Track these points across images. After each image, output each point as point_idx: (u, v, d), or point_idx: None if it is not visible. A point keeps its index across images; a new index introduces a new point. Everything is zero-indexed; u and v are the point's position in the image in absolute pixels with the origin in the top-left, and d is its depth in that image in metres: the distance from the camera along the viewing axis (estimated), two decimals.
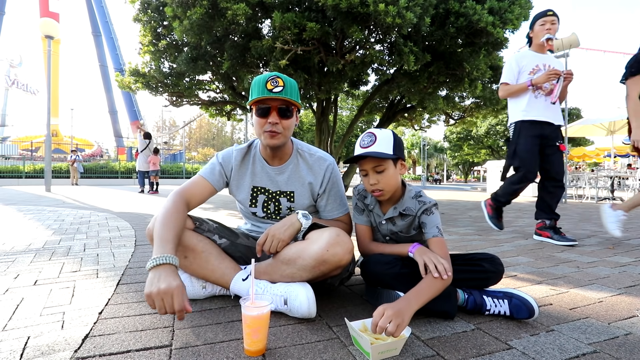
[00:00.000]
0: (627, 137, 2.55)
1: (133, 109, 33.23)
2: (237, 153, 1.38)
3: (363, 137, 1.23)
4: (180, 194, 1.25)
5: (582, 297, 1.42)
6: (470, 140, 29.98)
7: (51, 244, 2.42)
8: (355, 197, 1.41)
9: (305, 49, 5.12)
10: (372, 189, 1.24)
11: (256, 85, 1.24)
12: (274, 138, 1.25)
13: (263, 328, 0.91)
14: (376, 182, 1.22)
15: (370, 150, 1.19)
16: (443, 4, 5.11)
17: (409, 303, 0.99)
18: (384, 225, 1.34)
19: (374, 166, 1.22)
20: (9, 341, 0.98)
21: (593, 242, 2.70)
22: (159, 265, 0.96)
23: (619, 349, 0.97)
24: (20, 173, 15.63)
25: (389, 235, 1.36)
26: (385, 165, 1.21)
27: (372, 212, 1.37)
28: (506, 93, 2.81)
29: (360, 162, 1.25)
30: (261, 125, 1.25)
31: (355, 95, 10.32)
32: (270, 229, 1.22)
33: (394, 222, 1.32)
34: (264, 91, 1.21)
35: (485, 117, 10.52)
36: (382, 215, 1.34)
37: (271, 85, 1.21)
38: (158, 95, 7.53)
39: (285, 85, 1.22)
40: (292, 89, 1.25)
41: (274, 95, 1.20)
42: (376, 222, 1.37)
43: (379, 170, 1.22)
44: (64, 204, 5.76)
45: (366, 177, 1.26)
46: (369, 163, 1.22)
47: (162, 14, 6.08)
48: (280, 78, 1.22)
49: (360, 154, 1.21)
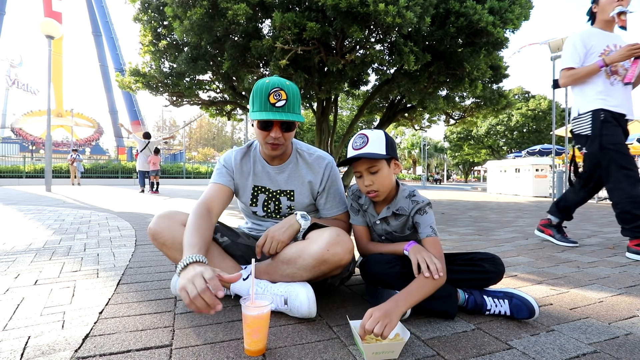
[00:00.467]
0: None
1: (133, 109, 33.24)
2: (237, 154, 1.39)
3: (355, 139, 1.23)
4: (200, 204, 1.24)
5: (583, 297, 1.41)
6: (471, 140, 30.00)
7: (51, 243, 2.42)
8: (350, 197, 1.41)
9: (305, 48, 5.12)
10: (367, 190, 1.24)
11: (258, 95, 1.20)
12: (275, 150, 1.27)
13: (263, 328, 0.91)
14: (371, 183, 1.22)
15: (363, 152, 1.19)
16: (443, 4, 5.11)
17: (397, 304, 0.99)
18: (379, 226, 1.34)
19: (367, 167, 1.22)
20: (10, 341, 0.98)
21: (593, 242, 2.70)
22: (186, 266, 0.94)
23: (620, 349, 0.97)
24: (21, 173, 15.64)
25: (384, 235, 1.36)
26: (379, 166, 1.21)
27: (367, 212, 1.37)
28: (571, 79, 2.27)
29: (354, 164, 1.24)
30: (263, 137, 1.25)
31: (355, 95, 10.32)
32: (269, 230, 1.23)
33: (388, 222, 1.32)
34: (266, 105, 1.18)
35: (485, 117, 10.52)
36: (376, 216, 1.34)
37: (274, 99, 1.17)
38: (158, 95, 7.53)
39: (288, 98, 1.19)
40: (294, 101, 1.21)
41: (277, 117, 1.17)
42: (371, 222, 1.37)
43: (373, 171, 1.22)
44: (64, 203, 5.76)
45: (360, 179, 1.25)
46: (362, 164, 1.22)
47: (163, 13, 6.09)
48: (282, 90, 1.18)
49: (353, 155, 1.20)
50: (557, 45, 7.46)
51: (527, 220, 4.20)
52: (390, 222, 1.32)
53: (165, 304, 1.28)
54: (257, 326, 0.90)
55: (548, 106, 25.94)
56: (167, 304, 1.28)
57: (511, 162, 11.43)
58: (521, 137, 27.49)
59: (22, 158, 17.06)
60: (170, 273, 1.69)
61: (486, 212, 5.25)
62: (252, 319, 0.89)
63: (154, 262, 1.91)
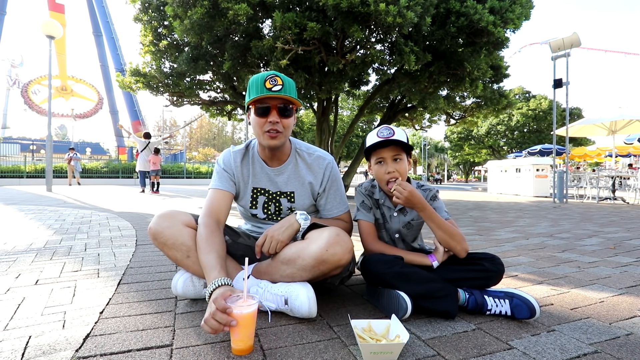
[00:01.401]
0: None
1: (134, 109, 33.24)
2: (236, 155, 1.37)
3: (381, 130, 1.32)
4: (207, 215, 1.25)
5: (583, 297, 1.41)
6: (471, 140, 29.96)
7: (52, 243, 2.42)
8: (363, 194, 1.43)
9: (305, 48, 5.12)
10: (389, 177, 1.30)
11: (254, 84, 1.23)
12: (274, 139, 1.24)
13: (244, 328, 0.90)
14: (393, 170, 1.30)
15: (395, 138, 1.28)
16: (444, 4, 5.11)
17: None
18: (395, 218, 1.39)
19: (393, 154, 1.31)
20: (11, 340, 0.98)
21: (594, 242, 2.70)
22: (216, 290, 0.97)
23: (620, 349, 0.97)
24: (22, 173, 15.65)
25: (399, 230, 1.40)
26: (402, 156, 1.32)
27: (383, 205, 1.41)
28: None
29: (378, 151, 1.32)
30: (261, 125, 1.24)
31: (355, 95, 10.32)
32: (268, 230, 1.22)
33: (405, 213, 1.40)
34: (262, 90, 1.20)
35: (486, 117, 10.51)
36: (392, 208, 1.39)
37: (270, 84, 1.20)
38: (159, 95, 7.54)
39: (284, 84, 1.22)
40: (290, 88, 1.24)
41: (274, 94, 1.20)
42: (386, 216, 1.41)
43: (396, 158, 1.31)
44: (65, 203, 5.77)
45: (381, 166, 1.33)
46: (389, 152, 1.31)
47: (163, 13, 6.09)
48: (278, 77, 1.22)
49: (385, 139, 1.28)
50: (558, 45, 7.45)
51: (527, 220, 4.19)
52: (408, 212, 1.39)
53: (165, 304, 1.28)
54: (237, 325, 0.89)
55: (549, 106, 25.90)
56: (168, 304, 1.28)
57: (512, 162, 11.42)
58: (522, 137, 27.46)
59: (22, 158, 17.08)
60: (170, 273, 1.69)
61: (487, 212, 5.24)
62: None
63: (155, 262, 1.91)
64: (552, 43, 7.49)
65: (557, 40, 7.42)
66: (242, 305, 0.91)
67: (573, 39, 7.24)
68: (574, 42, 7.25)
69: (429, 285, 1.16)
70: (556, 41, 7.43)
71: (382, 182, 1.35)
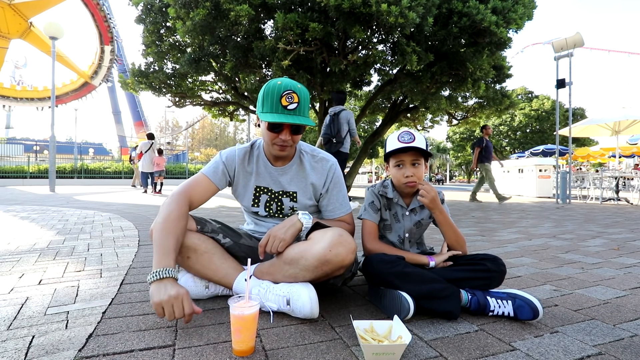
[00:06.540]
0: None
1: (136, 110, 33.41)
2: (240, 153, 1.38)
3: (402, 134, 1.36)
4: (184, 194, 1.25)
5: (587, 298, 1.40)
6: (474, 140, 29.89)
7: (55, 243, 2.43)
8: (374, 195, 1.45)
9: (307, 49, 5.12)
10: (407, 180, 1.35)
11: (269, 97, 1.19)
12: (283, 151, 1.28)
13: (246, 329, 0.90)
14: (411, 174, 1.34)
15: (416, 144, 1.32)
16: (446, 4, 5.10)
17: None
18: (408, 217, 1.44)
19: (412, 159, 1.35)
20: (14, 340, 0.98)
21: (598, 243, 2.68)
22: (162, 279, 1.02)
23: (625, 350, 0.96)
24: (25, 173, 15.75)
25: (410, 228, 1.44)
26: (421, 161, 1.37)
27: (396, 204, 1.44)
28: None
29: (399, 155, 1.37)
30: (272, 138, 1.25)
31: (357, 95, 10.32)
32: (271, 229, 1.22)
33: (416, 212, 1.45)
34: (278, 107, 1.18)
35: (488, 117, 10.49)
36: (405, 207, 1.44)
37: (286, 102, 1.18)
38: (161, 95, 7.57)
39: (300, 102, 1.20)
40: (305, 103, 1.23)
41: (290, 119, 1.18)
42: (398, 215, 1.44)
43: (415, 163, 1.35)
44: (68, 204, 5.80)
45: (400, 169, 1.37)
46: (409, 156, 1.35)
47: (165, 15, 6.11)
48: (295, 93, 1.18)
49: (407, 145, 1.32)
50: (561, 45, 7.42)
51: (530, 221, 4.17)
52: (419, 211, 1.45)
53: None
54: (238, 326, 0.90)
55: (551, 106, 25.81)
56: None
57: (514, 162, 11.37)
58: (524, 137, 27.37)
59: (26, 158, 17.19)
60: None
61: (489, 212, 5.22)
62: (234, 319, 0.90)
63: None
64: (555, 43, 7.46)
65: (560, 40, 7.39)
66: (244, 306, 0.91)
67: (576, 39, 7.20)
68: (577, 42, 7.22)
69: (432, 286, 1.16)
70: (559, 41, 7.40)
71: (399, 184, 1.39)
